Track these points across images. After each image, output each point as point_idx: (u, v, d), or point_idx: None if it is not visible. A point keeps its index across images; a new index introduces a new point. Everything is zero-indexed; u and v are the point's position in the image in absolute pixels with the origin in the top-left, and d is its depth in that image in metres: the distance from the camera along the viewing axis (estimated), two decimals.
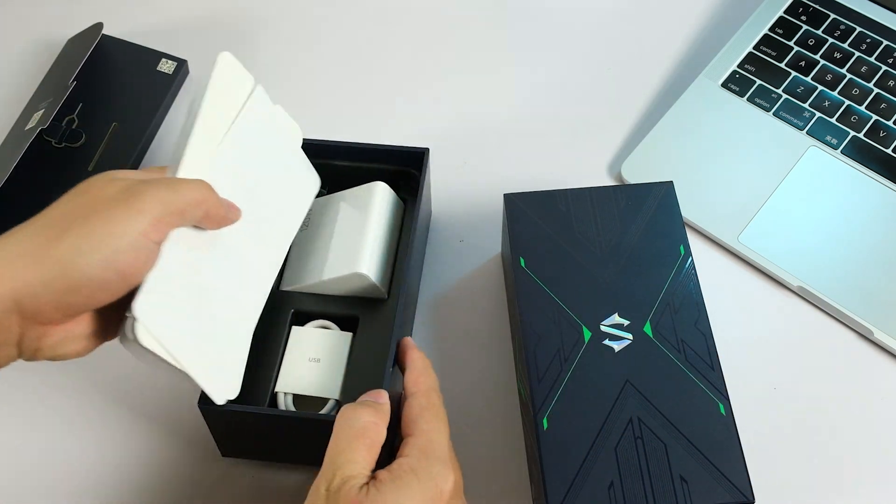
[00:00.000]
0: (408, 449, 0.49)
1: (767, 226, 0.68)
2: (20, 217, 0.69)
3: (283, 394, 0.58)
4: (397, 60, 0.79)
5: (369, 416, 0.49)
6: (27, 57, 0.79)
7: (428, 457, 0.48)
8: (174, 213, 0.47)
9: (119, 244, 0.44)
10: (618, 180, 0.72)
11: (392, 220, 0.63)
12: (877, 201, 0.69)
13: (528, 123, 0.75)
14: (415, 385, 0.53)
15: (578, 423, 0.53)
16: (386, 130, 0.75)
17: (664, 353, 0.55)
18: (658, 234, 0.59)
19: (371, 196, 0.62)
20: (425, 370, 0.54)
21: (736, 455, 0.52)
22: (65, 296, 0.44)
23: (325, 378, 0.58)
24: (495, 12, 0.82)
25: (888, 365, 0.65)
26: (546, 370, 0.54)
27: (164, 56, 0.77)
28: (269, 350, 0.60)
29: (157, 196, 0.46)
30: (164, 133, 0.75)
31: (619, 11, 0.82)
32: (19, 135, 0.72)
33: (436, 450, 0.49)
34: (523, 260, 0.58)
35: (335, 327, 0.61)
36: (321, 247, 0.62)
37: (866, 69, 0.74)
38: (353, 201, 0.63)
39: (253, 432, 0.57)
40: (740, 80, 0.75)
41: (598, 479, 0.51)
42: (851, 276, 0.66)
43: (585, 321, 0.56)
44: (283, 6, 0.82)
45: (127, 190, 0.46)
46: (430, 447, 0.49)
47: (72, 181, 0.71)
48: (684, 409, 0.53)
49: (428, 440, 0.49)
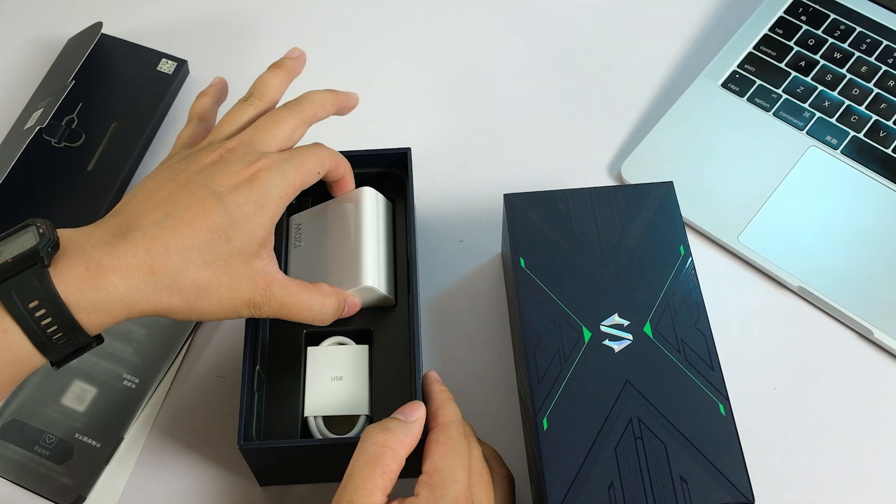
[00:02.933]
0: (418, 487, 0.48)
1: (767, 226, 0.68)
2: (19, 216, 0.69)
3: (313, 418, 0.57)
4: (396, 60, 0.79)
5: (386, 440, 0.49)
6: (27, 57, 0.79)
7: (436, 496, 0.47)
8: None
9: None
10: (618, 180, 0.72)
11: (385, 223, 0.62)
12: (877, 201, 0.69)
13: (527, 123, 0.75)
14: (433, 419, 0.52)
15: (578, 424, 0.53)
16: (385, 131, 0.75)
17: (664, 354, 0.55)
18: (658, 234, 0.59)
19: (360, 202, 0.60)
20: (444, 403, 0.53)
21: (736, 455, 0.52)
22: None
23: (351, 395, 0.58)
24: (495, 12, 0.82)
25: (888, 365, 0.65)
26: (546, 370, 0.54)
27: (164, 56, 0.77)
28: (289, 376, 0.59)
29: None
30: (163, 133, 0.75)
31: (619, 11, 0.82)
32: (18, 134, 0.72)
33: (447, 488, 0.48)
34: (523, 260, 0.58)
35: (351, 342, 0.60)
36: (320, 264, 0.60)
37: (866, 69, 0.74)
38: (342, 211, 0.61)
39: (290, 462, 0.57)
40: (740, 80, 0.75)
41: (598, 480, 0.51)
42: (851, 276, 0.66)
43: (585, 321, 0.56)
44: (284, 6, 0.82)
45: (252, 292, 0.51)
46: (441, 486, 0.48)
47: (71, 181, 0.71)
48: (684, 409, 0.53)
49: (440, 479, 0.48)
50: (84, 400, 0.63)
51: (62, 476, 0.60)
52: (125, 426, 0.62)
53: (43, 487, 0.60)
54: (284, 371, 0.59)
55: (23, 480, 0.60)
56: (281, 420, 0.57)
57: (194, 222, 0.49)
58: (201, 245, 0.49)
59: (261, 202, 0.50)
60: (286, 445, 0.54)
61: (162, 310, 0.49)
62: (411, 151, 0.64)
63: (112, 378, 0.64)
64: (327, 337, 0.60)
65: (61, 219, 0.70)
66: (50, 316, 0.45)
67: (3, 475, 0.60)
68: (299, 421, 0.57)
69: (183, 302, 0.49)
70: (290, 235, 0.62)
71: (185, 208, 0.49)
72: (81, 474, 0.60)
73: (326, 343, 0.60)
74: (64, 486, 0.60)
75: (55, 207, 0.70)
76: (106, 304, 0.47)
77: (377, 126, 0.75)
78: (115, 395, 0.63)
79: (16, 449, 0.61)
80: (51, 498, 0.60)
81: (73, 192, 0.71)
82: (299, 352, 0.60)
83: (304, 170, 0.53)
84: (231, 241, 0.49)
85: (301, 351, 0.60)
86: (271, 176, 0.51)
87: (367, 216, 0.60)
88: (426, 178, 0.72)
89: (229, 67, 0.78)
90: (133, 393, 0.63)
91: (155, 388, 0.63)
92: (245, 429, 0.54)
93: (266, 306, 0.51)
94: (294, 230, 0.62)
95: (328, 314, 0.55)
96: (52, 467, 0.61)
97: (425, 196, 0.71)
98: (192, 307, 0.49)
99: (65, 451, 0.61)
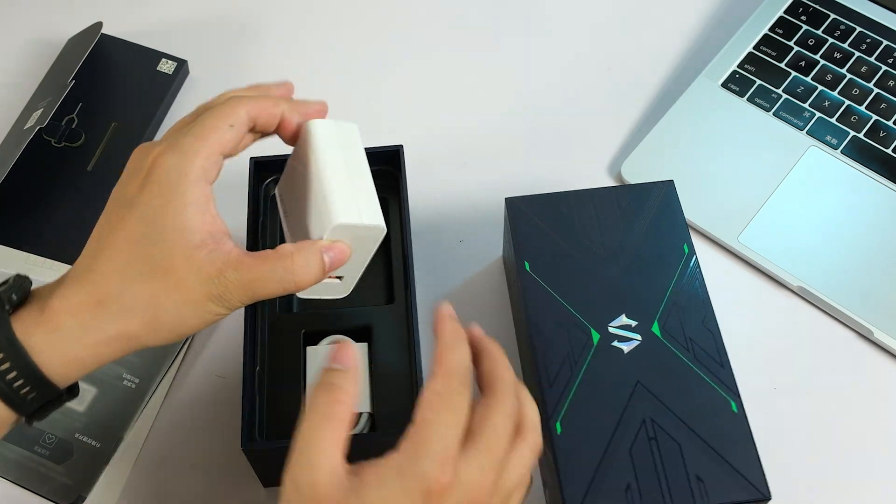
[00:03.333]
0: (402, 442, 0.42)
1: (767, 226, 0.68)
2: (19, 216, 0.70)
3: None
4: (396, 62, 0.79)
5: (334, 395, 0.44)
6: (27, 57, 0.79)
7: (418, 453, 0.41)
8: None
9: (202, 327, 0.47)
10: (618, 180, 0.72)
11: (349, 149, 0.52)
12: (877, 201, 0.69)
13: (527, 123, 0.75)
14: (437, 364, 0.44)
15: (592, 427, 0.52)
16: (384, 132, 0.74)
17: (673, 353, 0.55)
18: (661, 233, 0.59)
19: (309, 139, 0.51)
20: (453, 346, 0.45)
21: (750, 452, 0.51)
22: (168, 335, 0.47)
23: None
24: (495, 13, 0.82)
25: (888, 365, 0.65)
26: (556, 374, 0.54)
27: (164, 56, 0.77)
28: (289, 377, 0.59)
29: None
30: (163, 133, 0.75)
31: (619, 11, 0.82)
32: (18, 134, 0.71)
33: (431, 445, 0.41)
34: (528, 264, 0.58)
35: (349, 340, 0.59)
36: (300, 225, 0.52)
37: (866, 69, 0.75)
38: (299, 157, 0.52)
39: None
40: (740, 80, 0.75)
41: (615, 482, 0.51)
42: (851, 276, 0.66)
43: (593, 323, 0.56)
44: (284, 6, 0.82)
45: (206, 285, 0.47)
46: (425, 442, 0.42)
47: (71, 181, 0.71)
48: (696, 407, 0.53)
49: (425, 435, 0.42)
50: (84, 400, 0.63)
51: (62, 476, 0.60)
52: (125, 426, 0.62)
53: (43, 487, 0.60)
54: (284, 371, 0.59)
55: (22, 480, 0.60)
56: (282, 420, 0.57)
57: (116, 239, 0.46)
58: (131, 259, 0.45)
59: (166, 190, 0.46)
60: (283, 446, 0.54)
61: (128, 340, 0.46)
62: (404, 149, 0.64)
63: (112, 378, 0.63)
64: (326, 336, 0.60)
65: (61, 219, 0.70)
66: (8, 360, 0.43)
67: (3, 475, 0.60)
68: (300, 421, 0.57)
69: (141, 323, 0.46)
70: (279, 209, 0.56)
71: (107, 228, 0.47)
72: (81, 474, 0.60)
73: (325, 342, 0.60)
74: (64, 485, 0.60)
75: (55, 207, 0.70)
76: (65, 348, 0.45)
77: (375, 125, 0.75)
78: (115, 395, 0.63)
79: (15, 449, 0.61)
80: (51, 498, 0.60)
81: (73, 192, 0.71)
82: (297, 352, 0.60)
83: (204, 132, 0.47)
84: (157, 242, 0.45)
85: (299, 351, 0.60)
86: (166, 158, 0.46)
87: (321, 151, 0.50)
88: (426, 178, 0.72)
89: (229, 67, 0.78)
90: (133, 393, 0.63)
91: (155, 388, 0.63)
92: (248, 430, 0.54)
93: (230, 294, 0.47)
94: (279, 202, 0.56)
95: (301, 275, 0.48)
96: (52, 467, 0.60)
97: (425, 196, 0.71)
98: (155, 326, 0.46)
99: (64, 451, 0.61)
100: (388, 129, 0.75)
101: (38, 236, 0.69)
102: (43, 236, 0.69)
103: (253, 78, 0.58)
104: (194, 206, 0.46)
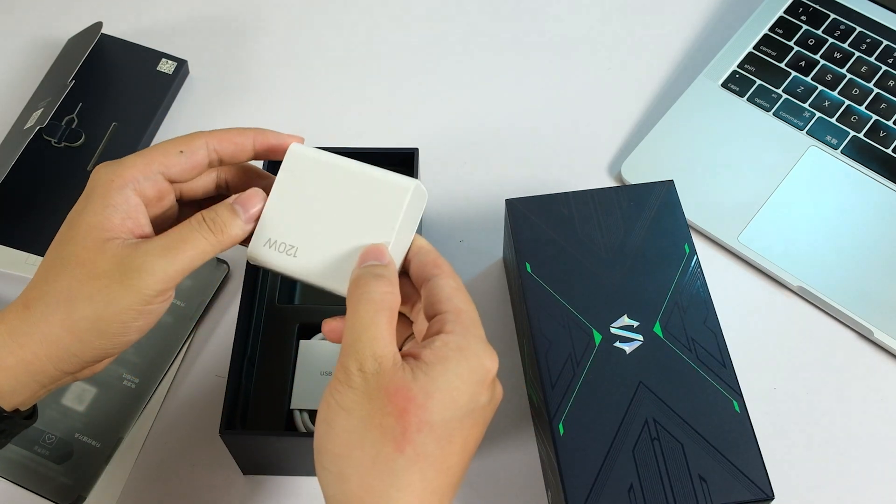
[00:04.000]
0: (449, 326, 0.44)
1: (767, 226, 0.68)
2: (19, 216, 0.70)
3: (298, 411, 0.58)
4: (396, 63, 0.79)
5: (385, 285, 0.45)
6: (27, 57, 0.79)
7: (473, 335, 0.44)
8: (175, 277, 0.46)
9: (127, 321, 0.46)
10: (618, 181, 0.72)
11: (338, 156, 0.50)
12: (877, 201, 0.69)
13: (527, 124, 0.75)
14: (436, 267, 0.47)
15: (594, 427, 0.52)
16: (386, 133, 0.75)
17: (676, 353, 0.55)
18: (662, 233, 0.59)
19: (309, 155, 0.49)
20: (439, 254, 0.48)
21: (753, 452, 0.52)
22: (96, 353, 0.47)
23: None
24: (495, 14, 0.82)
25: (888, 365, 0.65)
26: (559, 375, 0.54)
27: (164, 56, 0.77)
28: (279, 368, 0.59)
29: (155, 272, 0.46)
30: (163, 133, 0.75)
31: (618, 12, 0.82)
32: (18, 134, 0.71)
33: (478, 328, 0.45)
34: (529, 265, 0.58)
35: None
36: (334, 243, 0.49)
37: (866, 69, 0.75)
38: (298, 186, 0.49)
39: (272, 453, 0.57)
40: (740, 80, 0.75)
41: (618, 483, 0.51)
42: (851, 276, 0.66)
43: (595, 324, 0.56)
44: (284, 6, 0.82)
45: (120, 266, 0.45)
46: (473, 325, 0.45)
47: (71, 181, 0.71)
48: (699, 407, 0.53)
49: (470, 318, 0.45)
50: (84, 400, 0.63)
51: (62, 476, 0.60)
52: (125, 426, 0.62)
53: (43, 487, 0.60)
54: (276, 363, 0.59)
55: (23, 480, 0.60)
56: (268, 412, 0.58)
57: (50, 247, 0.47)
58: (53, 261, 0.46)
59: (89, 194, 0.47)
60: (266, 436, 0.55)
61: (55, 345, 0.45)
62: (418, 152, 0.64)
63: (112, 378, 0.63)
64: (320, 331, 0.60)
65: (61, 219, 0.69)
66: None
67: (3, 475, 0.60)
68: (284, 413, 0.58)
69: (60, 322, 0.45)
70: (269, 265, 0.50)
71: None
72: (81, 474, 0.60)
73: (318, 337, 0.60)
74: (64, 485, 0.60)
75: (55, 207, 0.70)
76: None
77: (378, 127, 0.75)
78: (115, 394, 0.63)
79: (15, 449, 0.61)
80: (51, 498, 0.60)
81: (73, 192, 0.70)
82: (290, 345, 0.60)
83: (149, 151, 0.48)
84: (73, 239, 0.46)
85: (293, 344, 0.60)
86: (101, 170, 0.48)
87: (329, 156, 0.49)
88: (426, 178, 0.72)
89: (229, 67, 0.78)
90: (133, 393, 0.63)
91: (155, 388, 0.63)
92: (227, 417, 0.54)
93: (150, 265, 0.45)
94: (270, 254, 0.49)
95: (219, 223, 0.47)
96: (52, 467, 0.60)
97: None
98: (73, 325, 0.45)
99: (65, 451, 0.61)
100: (387, 130, 0.75)
101: (38, 236, 0.69)
102: (43, 236, 0.69)
103: (253, 78, 0.58)
104: (113, 209, 0.46)
